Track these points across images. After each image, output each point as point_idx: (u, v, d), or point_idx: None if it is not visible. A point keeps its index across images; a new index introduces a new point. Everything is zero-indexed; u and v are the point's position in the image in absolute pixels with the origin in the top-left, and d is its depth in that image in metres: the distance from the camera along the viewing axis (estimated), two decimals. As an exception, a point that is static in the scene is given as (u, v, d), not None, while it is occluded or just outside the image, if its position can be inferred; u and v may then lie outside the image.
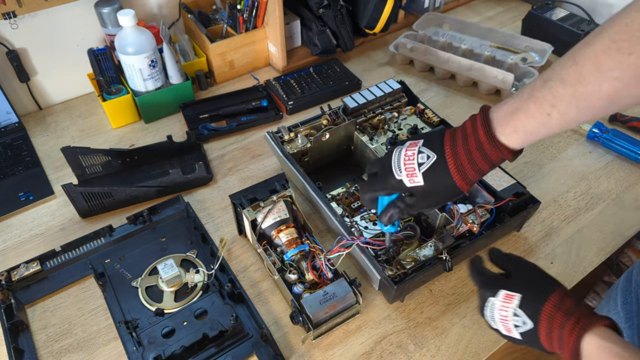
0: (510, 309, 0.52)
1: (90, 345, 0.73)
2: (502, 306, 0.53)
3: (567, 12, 1.29)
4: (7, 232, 0.89)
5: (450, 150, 0.56)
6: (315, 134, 0.92)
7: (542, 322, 0.50)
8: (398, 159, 0.60)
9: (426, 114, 0.96)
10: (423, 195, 0.60)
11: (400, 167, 0.59)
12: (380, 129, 0.94)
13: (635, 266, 0.85)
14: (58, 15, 1.06)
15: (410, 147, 0.59)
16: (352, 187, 0.90)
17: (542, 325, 0.50)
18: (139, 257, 0.83)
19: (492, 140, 0.54)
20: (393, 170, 0.60)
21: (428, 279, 0.80)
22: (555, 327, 0.49)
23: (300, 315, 0.70)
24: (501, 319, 0.54)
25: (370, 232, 0.83)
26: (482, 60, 1.19)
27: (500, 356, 1.40)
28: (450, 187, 0.57)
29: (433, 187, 0.58)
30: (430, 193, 0.59)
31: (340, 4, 1.18)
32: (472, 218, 0.78)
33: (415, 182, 0.58)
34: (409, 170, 0.58)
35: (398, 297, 0.77)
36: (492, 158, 0.55)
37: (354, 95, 0.96)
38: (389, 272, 0.72)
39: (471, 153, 0.55)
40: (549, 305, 0.50)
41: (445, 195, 0.59)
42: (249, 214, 0.77)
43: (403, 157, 0.59)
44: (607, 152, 1.02)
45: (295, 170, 0.85)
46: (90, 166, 0.96)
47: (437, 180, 0.57)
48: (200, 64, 1.18)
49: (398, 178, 0.59)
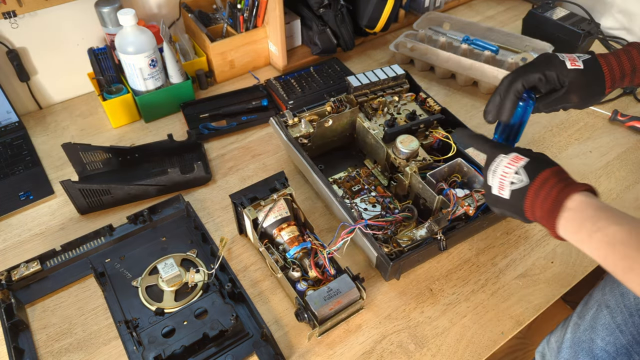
0: (515, 166, 0.59)
1: (90, 345, 0.73)
2: (509, 162, 0.60)
3: (568, 12, 1.29)
4: (7, 232, 0.89)
5: (601, 55, 0.68)
6: (318, 119, 0.93)
7: (537, 180, 0.57)
8: (560, 53, 0.69)
9: (427, 103, 0.97)
10: (577, 84, 0.67)
11: (564, 56, 0.68)
12: (379, 111, 0.96)
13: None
14: (58, 15, 1.06)
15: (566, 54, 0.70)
16: (354, 172, 0.94)
17: (535, 183, 0.57)
18: (139, 256, 0.83)
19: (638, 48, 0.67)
20: (557, 55, 0.68)
21: (423, 259, 0.82)
22: (548, 185, 0.56)
23: (305, 312, 0.70)
24: (503, 174, 0.60)
25: (369, 214, 0.85)
26: (482, 60, 1.19)
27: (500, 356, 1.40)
28: (599, 77, 0.67)
29: (587, 74, 0.67)
30: (584, 81, 0.67)
31: (341, 4, 1.18)
32: (468, 202, 0.80)
33: (576, 66, 0.67)
34: (570, 58, 0.68)
35: (394, 275, 0.79)
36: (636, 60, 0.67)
37: (358, 75, 0.98)
38: (385, 249, 0.74)
39: (619, 55, 0.67)
40: (548, 170, 0.58)
41: (592, 90, 0.68)
42: (250, 213, 0.77)
43: (564, 54, 0.69)
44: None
45: (297, 152, 0.88)
46: (91, 163, 0.96)
47: (591, 69, 0.67)
48: (200, 63, 1.18)
49: (562, 60, 0.67)
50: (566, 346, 0.84)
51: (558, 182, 0.56)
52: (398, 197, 0.89)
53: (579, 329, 0.84)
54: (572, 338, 0.85)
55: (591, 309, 0.83)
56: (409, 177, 0.84)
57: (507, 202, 0.60)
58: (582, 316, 0.84)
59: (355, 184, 0.92)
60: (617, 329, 0.79)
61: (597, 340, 0.81)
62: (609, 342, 0.80)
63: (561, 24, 1.25)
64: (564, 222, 0.55)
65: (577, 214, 0.54)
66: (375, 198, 0.88)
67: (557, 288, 0.80)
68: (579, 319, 0.85)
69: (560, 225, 0.55)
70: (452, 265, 0.83)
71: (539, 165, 0.59)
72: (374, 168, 0.94)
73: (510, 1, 1.52)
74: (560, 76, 0.67)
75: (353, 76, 0.97)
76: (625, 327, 0.79)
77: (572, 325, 0.86)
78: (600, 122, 1.09)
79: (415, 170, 0.83)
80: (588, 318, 0.83)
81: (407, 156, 0.85)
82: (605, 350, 0.80)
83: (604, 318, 0.81)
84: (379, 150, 0.90)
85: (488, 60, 1.19)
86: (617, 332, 0.79)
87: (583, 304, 0.85)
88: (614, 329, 0.80)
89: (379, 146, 0.90)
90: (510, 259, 0.84)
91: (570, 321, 0.87)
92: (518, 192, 0.59)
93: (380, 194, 0.89)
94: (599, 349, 0.80)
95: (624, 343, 0.78)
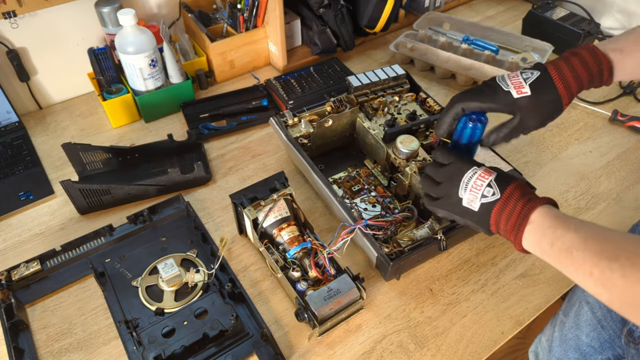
0: (487, 179, 0.60)
1: (90, 345, 0.73)
2: (482, 175, 0.61)
3: (568, 12, 1.29)
4: (7, 232, 0.89)
5: (552, 65, 0.64)
6: (318, 119, 0.93)
7: (505, 194, 0.59)
8: (503, 78, 0.65)
9: (427, 103, 0.97)
10: (529, 110, 0.64)
11: (508, 83, 0.65)
12: (380, 111, 0.96)
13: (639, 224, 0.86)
14: (58, 15, 1.06)
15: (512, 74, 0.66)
16: (354, 172, 0.94)
17: (503, 196, 0.59)
18: (139, 256, 0.83)
19: (592, 52, 0.62)
20: (499, 83, 0.65)
21: (423, 259, 0.82)
22: (513, 200, 0.58)
23: (305, 312, 0.70)
24: (475, 187, 0.61)
25: (369, 214, 0.85)
26: (482, 60, 1.19)
27: (500, 356, 1.40)
28: (553, 98, 0.63)
29: (538, 98, 0.63)
30: (536, 106, 0.64)
31: (341, 4, 1.18)
32: None
33: (522, 93, 0.63)
34: (516, 84, 0.64)
35: (394, 275, 0.79)
36: (592, 67, 0.62)
37: (358, 75, 0.98)
38: (385, 249, 0.74)
39: (572, 64, 0.63)
40: (513, 184, 0.59)
41: (548, 109, 0.64)
42: (250, 213, 0.77)
43: (508, 77, 0.65)
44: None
45: (297, 152, 0.88)
46: (91, 163, 0.96)
47: (542, 91, 0.63)
48: (200, 63, 1.18)
49: (506, 90, 0.64)
50: (556, 345, 0.84)
51: (522, 196, 0.58)
52: (398, 197, 0.89)
53: (564, 327, 0.85)
54: (560, 337, 0.86)
55: (574, 305, 0.84)
56: (409, 177, 0.84)
57: (475, 214, 0.61)
58: (567, 314, 0.85)
59: (355, 184, 0.92)
60: (598, 324, 0.80)
61: (582, 337, 0.82)
62: (593, 337, 0.81)
63: (561, 24, 1.25)
64: (528, 234, 0.56)
65: (539, 225, 0.55)
66: (375, 198, 0.88)
67: (557, 288, 0.80)
68: (564, 316, 0.85)
69: (525, 238, 0.57)
70: (452, 265, 0.83)
71: (506, 179, 0.60)
72: (374, 168, 0.94)
73: (510, 1, 1.52)
74: (508, 107, 0.65)
75: (353, 76, 0.97)
76: (606, 322, 0.80)
77: (559, 323, 0.87)
78: (600, 122, 1.09)
79: (415, 171, 0.83)
80: (572, 315, 0.84)
81: (407, 156, 0.85)
82: (590, 346, 0.81)
83: (585, 314, 0.82)
84: (379, 150, 0.90)
85: (488, 60, 1.19)
86: (599, 328, 0.80)
87: (567, 301, 0.86)
88: (595, 325, 0.81)
89: (379, 146, 0.90)
90: (510, 259, 0.84)
91: (557, 319, 0.87)
92: (487, 205, 0.60)
93: (380, 194, 0.89)
94: (585, 345, 0.82)
95: (607, 338, 0.80)
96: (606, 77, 0.64)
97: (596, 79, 0.64)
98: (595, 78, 0.64)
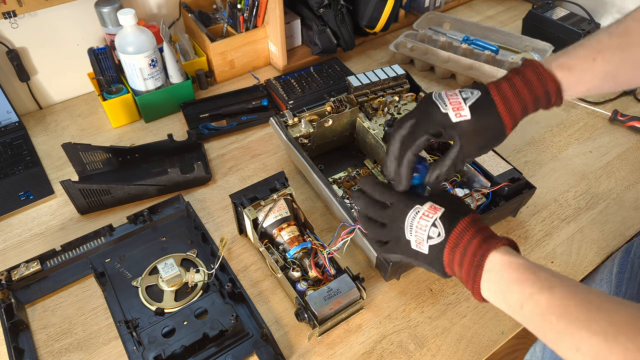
0: (431, 218, 0.54)
1: (90, 345, 0.73)
2: (425, 214, 0.55)
3: (568, 12, 1.29)
4: (7, 232, 0.89)
5: (494, 85, 0.58)
6: (318, 119, 0.93)
7: (453, 234, 0.53)
8: (441, 96, 0.59)
9: None
10: (469, 135, 0.57)
11: (446, 102, 0.58)
12: (380, 111, 0.96)
13: (636, 240, 0.85)
14: (58, 15, 1.06)
15: (450, 92, 0.59)
16: (354, 172, 0.94)
17: (451, 238, 0.53)
18: (139, 256, 0.83)
19: (536, 71, 0.56)
20: (438, 105, 0.58)
21: None
22: (464, 241, 0.52)
23: (305, 312, 0.70)
24: (419, 227, 0.55)
25: None
26: (482, 60, 1.19)
27: (500, 356, 1.40)
28: (495, 122, 0.56)
29: (479, 122, 0.56)
30: (477, 131, 0.56)
31: (341, 4, 1.18)
32: (468, 201, 0.81)
33: (462, 117, 0.56)
34: (455, 104, 0.57)
35: (394, 275, 0.79)
36: (536, 89, 0.56)
37: (358, 75, 0.98)
38: None
39: (515, 85, 0.56)
40: (464, 222, 0.53)
41: (490, 135, 0.58)
42: (250, 213, 0.77)
43: (446, 95, 0.58)
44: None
45: (297, 152, 0.87)
46: (91, 163, 0.96)
47: (483, 115, 0.56)
48: (200, 63, 1.18)
49: (444, 112, 0.57)
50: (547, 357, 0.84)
51: (474, 236, 0.52)
52: (398, 197, 0.89)
53: None
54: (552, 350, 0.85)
55: None
56: (409, 177, 0.84)
57: (426, 257, 0.56)
58: None
59: (355, 184, 0.92)
60: None
61: None
62: None
63: (561, 24, 1.25)
64: (487, 285, 0.50)
65: (500, 277, 0.49)
66: (375, 198, 0.88)
67: (557, 288, 0.80)
68: None
69: (484, 289, 0.51)
70: (452, 265, 0.83)
71: (455, 216, 0.54)
72: (374, 168, 0.94)
73: (510, 1, 1.52)
74: (446, 132, 0.58)
75: (353, 76, 0.97)
76: None
77: None
78: (600, 122, 1.09)
79: (415, 170, 0.83)
80: None
81: (407, 156, 0.85)
82: None
83: None
84: (379, 150, 0.90)
85: (488, 60, 1.19)
86: None
87: None
88: None
89: (379, 146, 0.90)
90: (510, 259, 0.84)
91: None
92: (436, 247, 0.54)
93: (380, 194, 0.89)
94: None
95: None
96: (553, 99, 0.57)
97: (542, 101, 0.57)
98: (541, 100, 0.57)
